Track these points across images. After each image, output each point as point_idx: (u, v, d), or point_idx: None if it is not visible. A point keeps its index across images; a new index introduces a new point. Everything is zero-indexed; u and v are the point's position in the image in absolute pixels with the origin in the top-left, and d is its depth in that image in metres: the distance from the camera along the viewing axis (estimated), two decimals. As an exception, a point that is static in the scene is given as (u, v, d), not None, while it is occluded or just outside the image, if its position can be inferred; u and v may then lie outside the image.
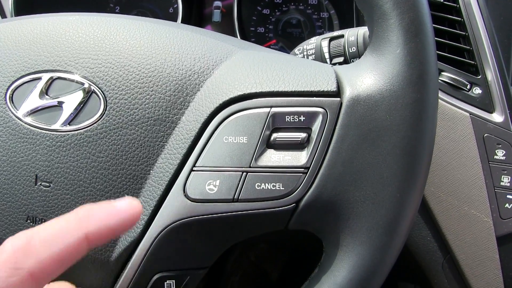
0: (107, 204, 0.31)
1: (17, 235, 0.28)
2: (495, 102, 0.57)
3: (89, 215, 0.30)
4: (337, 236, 0.36)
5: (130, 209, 0.31)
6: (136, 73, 0.38)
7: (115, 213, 0.31)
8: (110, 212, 0.30)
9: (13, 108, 0.39)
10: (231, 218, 0.36)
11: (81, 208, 0.30)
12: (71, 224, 0.29)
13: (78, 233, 0.29)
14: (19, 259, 0.27)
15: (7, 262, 0.27)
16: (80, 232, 0.29)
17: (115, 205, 0.31)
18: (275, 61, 0.38)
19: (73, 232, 0.29)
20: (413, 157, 0.35)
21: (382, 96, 0.35)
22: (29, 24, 0.42)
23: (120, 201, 0.31)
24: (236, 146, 0.36)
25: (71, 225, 0.29)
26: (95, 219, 0.30)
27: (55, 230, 0.29)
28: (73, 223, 0.29)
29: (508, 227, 0.56)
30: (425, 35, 0.35)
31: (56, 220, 0.30)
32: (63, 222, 0.30)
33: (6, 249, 0.27)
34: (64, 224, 0.29)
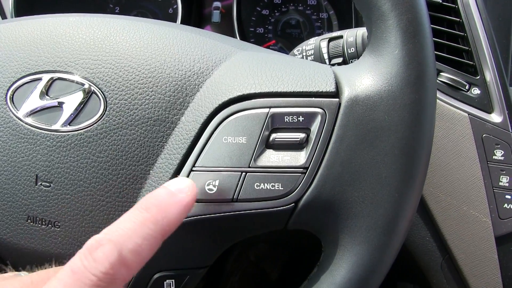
0: (170, 194, 0.33)
1: (102, 242, 0.29)
2: (494, 102, 0.58)
3: (161, 213, 0.32)
4: (336, 235, 0.36)
5: (189, 193, 0.33)
6: (136, 73, 0.38)
7: (178, 202, 0.33)
8: (175, 203, 0.32)
9: (13, 109, 0.39)
10: (231, 218, 0.36)
11: (151, 207, 0.32)
12: (150, 226, 0.31)
13: (158, 235, 0.31)
14: (116, 272, 0.29)
15: (106, 275, 0.29)
16: (160, 234, 0.31)
17: (176, 194, 0.33)
18: (274, 62, 0.39)
19: (155, 235, 0.31)
20: (412, 158, 0.35)
21: (381, 96, 0.35)
22: (30, 25, 0.42)
23: (178, 186, 0.33)
24: (235, 146, 0.36)
25: (151, 228, 0.31)
26: (169, 218, 0.32)
27: (139, 237, 0.30)
28: (152, 225, 0.31)
29: (506, 227, 0.56)
30: (423, 36, 0.35)
31: (131, 221, 0.31)
32: (141, 226, 0.31)
33: (102, 261, 0.29)
34: (146, 230, 0.31)
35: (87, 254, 0.29)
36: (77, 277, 0.28)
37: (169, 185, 0.33)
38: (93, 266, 0.29)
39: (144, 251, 0.31)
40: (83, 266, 0.29)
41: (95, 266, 0.29)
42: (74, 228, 0.39)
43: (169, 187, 0.33)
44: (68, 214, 0.39)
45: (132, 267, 0.30)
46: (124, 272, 0.29)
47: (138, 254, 0.30)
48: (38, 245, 0.40)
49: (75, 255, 0.30)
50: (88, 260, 0.29)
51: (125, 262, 0.29)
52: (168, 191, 0.33)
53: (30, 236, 0.40)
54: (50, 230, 0.39)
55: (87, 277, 0.28)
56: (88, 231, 0.39)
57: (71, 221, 0.39)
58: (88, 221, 0.39)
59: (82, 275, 0.28)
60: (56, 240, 0.39)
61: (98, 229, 0.39)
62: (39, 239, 0.40)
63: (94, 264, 0.29)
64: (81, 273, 0.28)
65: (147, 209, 0.32)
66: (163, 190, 0.33)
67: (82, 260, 0.29)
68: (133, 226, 0.31)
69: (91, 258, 0.29)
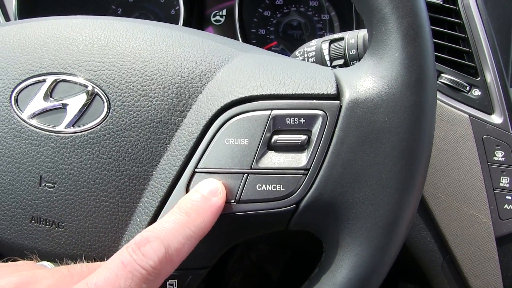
0: (205, 199, 0.35)
1: (150, 239, 0.32)
2: (494, 103, 0.58)
3: (199, 218, 0.34)
4: (337, 236, 0.36)
5: (221, 196, 0.36)
6: (139, 75, 0.39)
7: (213, 206, 0.35)
8: (210, 207, 0.35)
9: (18, 110, 0.40)
10: (233, 219, 0.36)
11: (190, 211, 0.34)
12: (191, 228, 0.34)
13: (198, 236, 0.34)
14: (162, 267, 0.31)
15: (154, 269, 0.31)
16: (199, 235, 0.34)
17: (210, 199, 0.35)
18: (275, 64, 0.39)
19: (195, 236, 0.34)
20: (412, 159, 0.35)
21: (381, 99, 0.35)
22: (33, 27, 0.42)
23: (211, 190, 0.36)
24: (237, 148, 0.36)
25: (192, 230, 0.34)
26: (205, 221, 0.34)
27: (183, 237, 0.33)
28: (193, 227, 0.34)
29: (507, 228, 0.57)
30: (424, 39, 0.35)
31: (175, 222, 0.34)
32: (184, 227, 0.33)
33: (151, 256, 0.31)
34: (188, 231, 0.33)
35: (136, 248, 0.31)
36: (128, 269, 0.30)
37: (201, 189, 0.36)
38: (144, 260, 0.31)
39: (185, 250, 0.33)
40: (133, 259, 0.31)
41: (145, 260, 0.31)
42: (78, 229, 0.39)
43: (202, 191, 0.35)
44: (72, 214, 0.39)
45: (175, 263, 0.32)
46: (168, 268, 0.32)
47: (181, 252, 0.33)
48: (42, 245, 0.40)
49: (121, 249, 0.32)
50: (137, 254, 0.31)
51: (171, 259, 0.32)
52: (202, 196, 0.35)
53: (34, 236, 0.40)
54: (54, 230, 0.40)
55: (137, 269, 0.30)
56: (91, 231, 0.39)
57: (75, 222, 0.39)
58: (92, 222, 0.39)
59: (132, 267, 0.30)
60: (60, 241, 0.40)
61: (102, 229, 0.39)
62: (43, 240, 0.40)
63: (144, 258, 0.31)
64: (131, 266, 0.30)
65: (187, 213, 0.34)
66: (198, 195, 0.35)
67: (131, 253, 0.31)
68: (177, 227, 0.33)
69: (140, 252, 0.31)
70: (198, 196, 0.35)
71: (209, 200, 0.35)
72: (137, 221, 0.38)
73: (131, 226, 0.38)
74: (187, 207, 0.34)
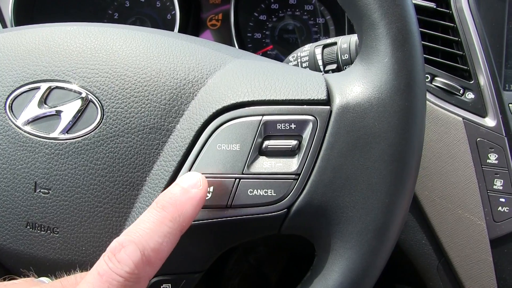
0: (184, 191, 0.34)
1: (124, 244, 0.31)
2: (488, 106, 0.58)
3: (178, 211, 0.33)
4: (328, 240, 0.37)
5: (202, 187, 0.35)
6: (132, 82, 0.39)
7: (192, 198, 0.34)
8: (190, 199, 0.34)
9: (12, 117, 0.40)
10: (225, 224, 0.36)
11: (167, 205, 0.34)
12: (168, 224, 0.33)
13: (177, 232, 0.33)
14: (140, 271, 0.31)
15: (132, 274, 0.30)
16: (178, 230, 0.33)
17: (189, 191, 0.34)
18: (267, 70, 0.39)
19: (174, 232, 0.33)
20: (402, 163, 0.35)
21: (371, 104, 0.35)
22: (28, 34, 0.43)
23: (190, 182, 0.35)
24: (229, 153, 0.36)
25: (169, 226, 0.33)
26: (185, 214, 0.34)
27: (160, 236, 0.32)
28: (170, 223, 0.33)
29: (501, 230, 0.57)
30: (412, 44, 0.36)
31: (150, 221, 0.33)
32: (160, 224, 0.33)
33: (126, 262, 0.31)
34: (165, 228, 0.33)
35: (111, 256, 0.31)
36: (104, 279, 0.30)
37: (181, 182, 0.35)
38: (119, 267, 0.30)
39: (165, 248, 0.32)
40: (108, 268, 0.30)
41: (121, 267, 0.30)
42: (73, 234, 0.40)
43: (181, 184, 0.35)
44: (67, 220, 0.39)
45: (155, 264, 0.32)
46: (148, 270, 0.31)
47: (160, 252, 0.32)
48: (37, 251, 0.40)
49: (99, 258, 0.31)
50: (113, 262, 0.31)
51: (149, 260, 0.31)
52: (181, 188, 0.34)
53: (30, 242, 0.40)
54: (49, 236, 0.40)
55: (113, 278, 0.30)
56: (86, 236, 0.40)
57: (70, 227, 0.40)
58: (86, 227, 0.39)
59: (109, 277, 0.30)
60: (55, 246, 0.40)
61: (96, 234, 0.39)
62: (38, 245, 0.40)
63: (119, 265, 0.30)
64: (107, 275, 0.30)
65: (163, 207, 0.33)
66: (177, 188, 0.34)
67: (107, 262, 0.31)
68: (152, 226, 0.32)
69: (116, 259, 0.31)
70: (177, 189, 0.34)
71: (188, 192, 0.34)
72: (131, 226, 0.38)
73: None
74: (164, 201, 0.34)
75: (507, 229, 0.57)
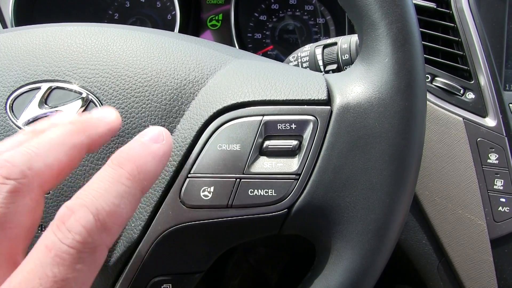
0: (144, 145, 0.31)
1: (74, 208, 0.26)
2: (488, 106, 0.58)
3: (137, 167, 0.29)
4: (329, 240, 0.37)
5: (165, 142, 0.31)
6: (133, 82, 0.39)
7: (154, 152, 0.31)
8: (150, 153, 0.30)
9: (13, 117, 0.40)
10: (226, 224, 0.36)
11: (124, 161, 0.29)
12: (126, 183, 0.28)
13: (137, 192, 0.29)
14: (96, 238, 0.26)
15: (85, 244, 0.26)
16: (138, 190, 0.29)
17: (151, 145, 0.31)
18: (267, 70, 0.39)
19: (132, 192, 0.29)
20: (402, 163, 0.35)
21: (371, 104, 0.35)
22: (28, 34, 0.43)
23: (151, 136, 0.31)
24: (229, 153, 0.36)
25: (127, 184, 0.28)
26: (145, 171, 0.29)
27: (116, 196, 0.27)
28: (128, 182, 0.28)
29: (501, 230, 0.57)
30: (413, 44, 0.36)
31: (104, 180, 0.28)
32: (116, 183, 0.28)
33: (77, 230, 0.25)
34: (122, 187, 0.28)
35: (60, 224, 0.26)
36: (53, 253, 0.25)
37: (141, 136, 0.31)
38: (69, 237, 0.25)
39: (123, 211, 0.28)
40: (57, 239, 0.25)
41: (71, 236, 0.25)
42: None
43: (141, 139, 0.31)
44: None
45: (112, 230, 0.27)
46: (105, 237, 0.27)
47: (117, 215, 0.27)
48: (38, 251, 0.40)
49: (47, 228, 0.26)
50: (62, 231, 0.25)
51: (104, 226, 0.26)
52: (141, 142, 0.31)
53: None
54: None
55: (64, 251, 0.25)
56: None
57: None
58: None
59: (58, 250, 0.25)
60: (55, 246, 0.40)
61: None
62: None
63: (69, 235, 0.25)
64: (57, 248, 0.25)
65: (120, 164, 0.29)
66: (136, 143, 0.31)
67: (56, 232, 0.25)
68: (106, 185, 0.28)
69: (65, 228, 0.25)
70: (136, 144, 0.30)
71: (149, 147, 0.30)
72: (132, 226, 0.38)
73: (125, 232, 0.39)
74: (120, 157, 0.29)
75: (508, 229, 0.57)
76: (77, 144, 0.30)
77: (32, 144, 0.29)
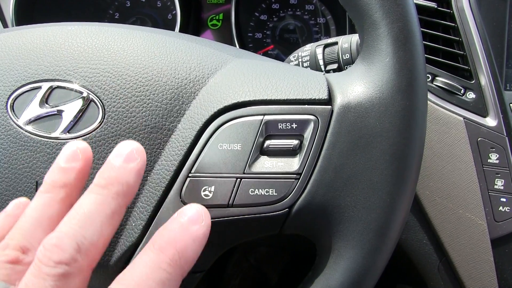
0: (184, 228, 0.30)
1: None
2: (489, 106, 0.58)
3: (178, 253, 0.29)
4: (329, 240, 0.37)
5: (204, 223, 0.31)
6: (133, 82, 0.39)
7: (194, 235, 0.31)
8: (191, 236, 0.30)
9: (14, 117, 0.40)
10: (226, 223, 0.36)
11: (166, 246, 0.29)
12: (168, 270, 0.29)
13: (178, 277, 0.29)
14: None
15: None
16: (179, 275, 0.29)
17: (190, 227, 0.31)
18: (268, 70, 0.39)
19: (173, 277, 0.29)
20: (403, 163, 0.35)
21: (372, 103, 0.35)
22: (29, 34, 0.43)
23: (191, 217, 0.31)
24: (230, 153, 0.36)
25: (168, 271, 0.29)
26: (186, 256, 0.30)
27: (156, 282, 0.28)
28: (169, 268, 0.29)
29: (502, 230, 0.57)
30: (414, 44, 0.36)
31: (147, 266, 0.29)
32: (158, 269, 0.29)
33: None
34: (163, 274, 0.28)
35: None
36: None
37: (180, 217, 0.31)
38: None
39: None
40: None
41: None
42: None
43: (181, 219, 0.31)
44: None
45: None
46: None
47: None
48: (39, 251, 0.40)
49: None
50: None
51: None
52: (180, 224, 0.30)
53: None
54: None
55: None
56: (87, 236, 0.39)
57: None
58: None
59: None
60: (56, 246, 0.40)
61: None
62: None
63: None
64: None
65: (161, 249, 0.29)
66: (175, 224, 0.30)
67: None
68: (149, 272, 0.28)
69: None
70: (176, 226, 0.30)
71: (188, 229, 0.30)
72: (132, 226, 0.38)
73: (126, 231, 0.39)
74: (162, 241, 0.29)
75: (508, 229, 0.57)
76: (116, 209, 0.31)
77: (74, 223, 0.29)
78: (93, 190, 0.31)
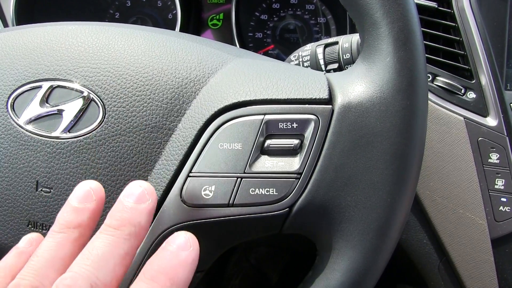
0: (173, 255, 0.31)
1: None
2: (489, 106, 0.58)
3: (169, 280, 0.30)
4: (330, 239, 0.37)
5: (192, 249, 0.32)
6: (134, 81, 0.39)
7: (183, 261, 0.31)
8: (180, 263, 0.31)
9: (14, 116, 0.40)
10: (227, 223, 0.36)
11: (157, 275, 0.30)
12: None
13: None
14: None
15: None
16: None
17: (179, 254, 0.31)
18: (269, 69, 0.39)
19: None
20: (403, 162, 0.35)
21: (373, 103, 0.35)
22: (30, 33, 0.43)
23: (179, 244, 0.32)
24: (231, 152, 0.36)
25: None
26: (177, 282, 0.30)
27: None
28: None
29: (502, 230, 0.57)
30: (414, 43, 0.36)
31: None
32: None
33: None
34: None
35: None
36: None
37: (169, 245, 0.32)
38: None
39: None
40: None
41: None
42: None
43: (169, 248, 0.31)
44: None
45: None
46: None
47: None
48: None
49: None
50: None
51: None
52: (170, 252, 0.31)
53: None
54: None
55: None
56: (87, 235, 0.39)
57: None
58: None
59: None
60: (57, 245, 0.40)
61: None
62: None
63: None
64: None
65: (152, 278, 0.30)
66: (165, 252, 0.31)
67: None
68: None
69: None
70: (166, 254, 0.31)
71: (178, 256, 0.31)
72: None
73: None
74: (152, 270, 0.30)
75: (509, 228, 0.57)
76: (128, 250, 0.31)
77: (88, 264, 0.29)
78: (106, 231, 0.31)
